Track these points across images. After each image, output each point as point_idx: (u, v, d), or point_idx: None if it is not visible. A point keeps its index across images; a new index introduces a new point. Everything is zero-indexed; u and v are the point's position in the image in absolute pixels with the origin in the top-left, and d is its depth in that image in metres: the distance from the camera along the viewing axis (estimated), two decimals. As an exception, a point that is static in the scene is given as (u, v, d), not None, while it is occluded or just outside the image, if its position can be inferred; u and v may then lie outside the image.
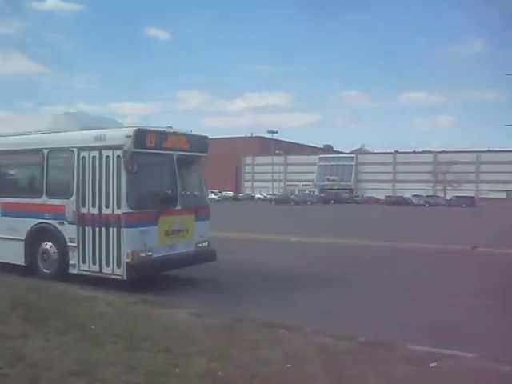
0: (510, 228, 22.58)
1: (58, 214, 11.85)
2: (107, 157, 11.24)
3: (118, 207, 11.07)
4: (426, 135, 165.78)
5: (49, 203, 12.06)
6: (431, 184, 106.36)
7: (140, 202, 11.33)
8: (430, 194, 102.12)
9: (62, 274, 11.89)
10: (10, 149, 13.02)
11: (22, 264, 12.49)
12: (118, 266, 11.06)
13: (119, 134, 11.21)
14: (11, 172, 13.68)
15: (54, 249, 12.01)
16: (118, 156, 11.05)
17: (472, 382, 5.88)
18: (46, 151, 12.19)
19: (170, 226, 11.82)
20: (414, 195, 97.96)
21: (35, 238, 12.29)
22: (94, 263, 11.41)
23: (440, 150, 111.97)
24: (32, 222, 12.28)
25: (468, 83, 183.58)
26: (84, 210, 11.56)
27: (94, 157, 11.44)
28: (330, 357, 6.44)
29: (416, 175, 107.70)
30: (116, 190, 11.12)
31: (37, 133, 12.56)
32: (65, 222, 11.76)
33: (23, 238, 12.39)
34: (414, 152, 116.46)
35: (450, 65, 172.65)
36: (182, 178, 12.47)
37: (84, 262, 11.57)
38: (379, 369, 6.05)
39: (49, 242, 12.11)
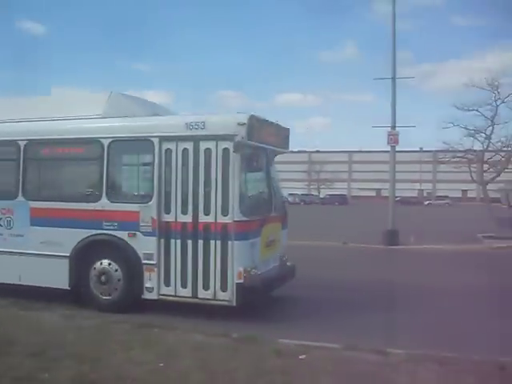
0: (377, 224, 23.89)
1: (127, 222, 9.11)
2: (207, 150, 8.77)
3: (225, 214, 8.67)
4: (302, 135, 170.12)
5: (111, 209, 9.22)
6: (306, 183, 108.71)
7: (250, 207, 9.00)
8: (306, 192, 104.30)
9: (131, 300, 9.22)
10: (49, 137, 9.85)
11: (65, 288, 9.55)
12: (223, 288, 8.67)
13: (228, 121, 8.78)
14: (49, 167, 10.34)
15: (117, 268, 9.24)
16: (225, 149, 8.67)
17: (336, 370, 6.07)
18: (106, 141, 9.28)
19: (268, 237, 9.63)
20: (290, 194, 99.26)
21: (87, 254, 9.38)
22: (184, 286, 8.89)
23: (315, 149, 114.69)
24: (82, 234, 9.37)
25: (341, 86, 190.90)
26: (169, 218, 8.97)
27: (185, 149, 8.90)
28: (204, 354, 6.49)
29: (292, 174, 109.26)
30: (221, 192, 8.72)
31: (89, 117, 9.65)
32: (137, 234, 9.06)
33: (67, 255, 9.44)
34: (290, 151, 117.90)
35: (324, 67, 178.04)
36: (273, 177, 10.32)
37: (168, 285, 8.99)
38: (251, 363, 6.17)
39: (109, 259, 9.30)
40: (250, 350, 6.66)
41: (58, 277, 9.48)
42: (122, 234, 9.13)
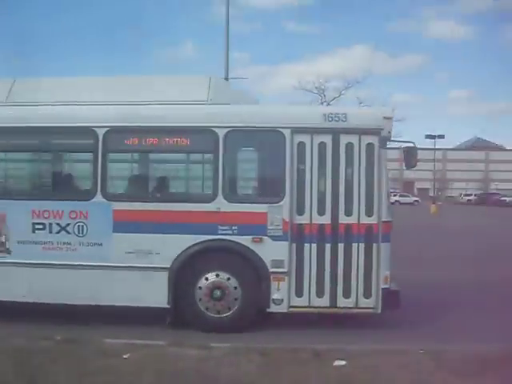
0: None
1: (251, 226, 7.87)
2: (349, 144, 8.00)
3: (369, 214, 7.99)
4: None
5: (229, 210, 7.85)
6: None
7: (390, 207, 8.42)
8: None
9: (252, 315, 7.99)
10: (142, 125, 8.01)
11: (163, 306, 7.92)
12: (367, 295, 7.97)
13: (374, 114, 8.17)
14: (140, 161, 8.44)
15: (237, 283, 7.91)
16: (370, 144, 8.01)
17: (159, 367, 6.09)
18: (222, 131, 7.88)
19: None
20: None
21: (194, 264, 7.91)
22: (320, 295, 7.95)
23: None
24: (188, 241, 7.86)
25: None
26: (302, 220, 7.96)
27: (321, 143, 8.00)
28: (24, 358, 6.14)
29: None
30: (365, 190, 8.02)
31: (191, 102, 8.17)
32: (265, 238, 7.87)
33: (167, 266, 7.86)
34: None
35: (164, 66, 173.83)
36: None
37: (300, 296, 7.95)
38: (74, 365, 6.05)
39: (225, 269, 7.93)
40: (73, 352, 6.41)
41: (152, 293, 7.87)
42: (244, 240, 7.86)
